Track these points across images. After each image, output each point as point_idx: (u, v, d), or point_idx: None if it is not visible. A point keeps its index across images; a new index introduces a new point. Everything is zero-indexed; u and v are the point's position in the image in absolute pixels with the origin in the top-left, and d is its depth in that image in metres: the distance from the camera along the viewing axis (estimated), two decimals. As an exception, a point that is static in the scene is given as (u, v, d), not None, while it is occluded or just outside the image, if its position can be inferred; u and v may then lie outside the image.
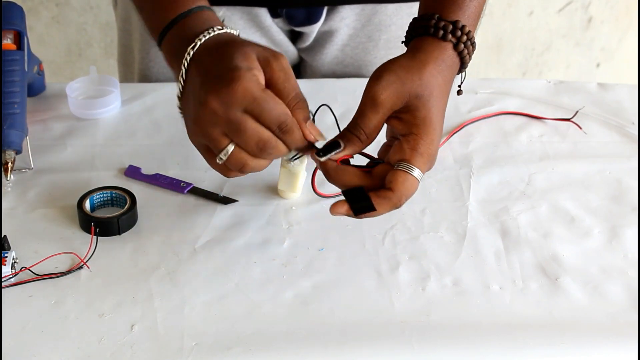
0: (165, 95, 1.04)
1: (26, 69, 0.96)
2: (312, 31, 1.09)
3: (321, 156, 0.73)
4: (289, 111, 0.71)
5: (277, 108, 0.70)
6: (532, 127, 1.00)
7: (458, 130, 0.99)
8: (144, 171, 0.91)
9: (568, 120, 1.00)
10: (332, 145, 0.73)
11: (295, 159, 0.84)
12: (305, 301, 0.76)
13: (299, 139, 0.71)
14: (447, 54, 0.76)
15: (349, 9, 1.08)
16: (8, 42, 0.96)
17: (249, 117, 0.69)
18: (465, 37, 0.77)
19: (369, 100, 0.73)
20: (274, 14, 1.07)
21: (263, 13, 1.07)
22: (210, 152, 0.73)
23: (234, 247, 0.82)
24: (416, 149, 0.73)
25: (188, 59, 0.72)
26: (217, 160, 0.72)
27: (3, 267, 0.77)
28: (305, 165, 0.85)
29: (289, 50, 1.12)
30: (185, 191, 0.89)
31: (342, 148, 0.73)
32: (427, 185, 0.91)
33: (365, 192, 0.72)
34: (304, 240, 0.83)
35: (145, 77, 1.12)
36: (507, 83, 1.08)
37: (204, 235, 0.83)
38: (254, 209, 0.87)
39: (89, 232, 0.83)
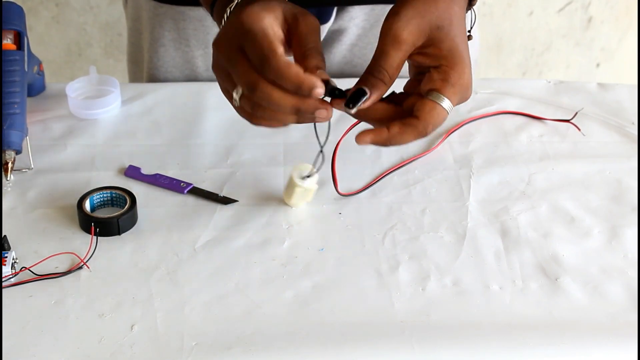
0: (165, 95, 1.04)
1: (26, 69, 0.96)
2: (322, 31, 1.09)
3: (351, 108, 0.71)
4: (279, 50, 0.69)
5: (259, 43, 0.69)
6: (532, 127, 1.00)
7: (456, 129, 0.99)
8: (144, 171, 0.91)
9: (567, 121, 1.00)
10: (357, 94, 0.72)
11: (309, 176, 0.82)
12: (305, 301, 0.76)
13: (292, 75, 0.68)
14: None
15: (358, 9, 1.08)
16: (8, 42, 0.96)
17: (242, 56, 0.70)
18: None
19: (390, 39, 0.72)
20: None
21: None
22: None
23: (234, 247, 0.82)
24: (447, 79, 0.73)
25: (225, 17, 0.74)
26: (234, 103, 0.72)
27: (3, 267, 0.77)
28: (316, 179, 0.84)
29: None
30: (185, 191, 0.89)
31: (369, 95, 0.72)
32: (427, 185, 0.91)
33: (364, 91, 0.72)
34: (304, 240, 0.83)
35: (154, 77, 1.12)
36: (507, 83, 1.08)
37: (204, 235, 0.83)
38: (254, 209, 0.87)
39: (89, 232, 0.83)
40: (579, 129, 0.99)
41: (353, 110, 0.72)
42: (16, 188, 0.89)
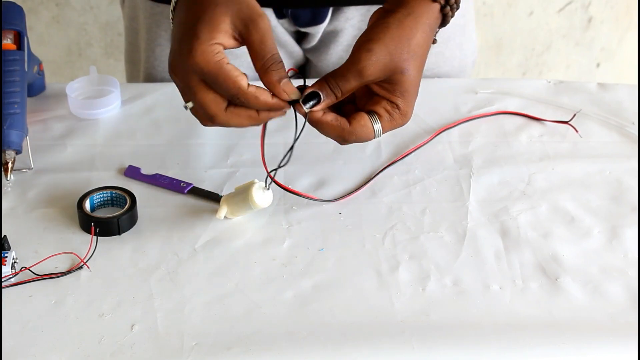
0: (165, 95, 1.04)
1: (26, 69, 0.96)
2: (318, 32, 1.09)
3: (305, 105, 0.77)
4: (244, 83, 0.75)
5: (225, 84, 0.75)
6: (532, 127, 1.00)
7: (453, 126, 0.99)
8: (144, 171, 0.91)
9: (566, 123, 0.99)
10: (312, 95, 0.77)
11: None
12: (305, 301, 0.76)
13: (260, 103, 0.76)
14: (434, 15, 0.80)
15: (354, 9, 1.08)
16: (8, 42, 0.96)
17: (202, 87, 0.76)
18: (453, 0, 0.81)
19: (355, 71, 0.77)
20: (280, 15, 1.07)
21: (268, 13, 1.07)
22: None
23: (234, 247, 0.82)
24: (391, 114, 0.79)
25: (172, 11, 0.79)
26: (183, 105, 0.78)
27: (3, 267, 0.77)
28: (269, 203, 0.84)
29: (295, 51, 1.12)
30: (185, 191, 0.89)
31: (322, 100, 0.77)
32: (427, 185, 0.91)
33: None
34: (304, 240, 0.83)
35: (151, 76, 1.12)
36: (507, 83, 1.08)
37: (204, 235, 0.83)
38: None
39: (89, 232, 0.83)
40: (577, 131, 0.99)
41: (306, 108, 0.77)
42: (16, 188, 0.89)
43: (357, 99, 0.82)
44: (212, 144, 0.96)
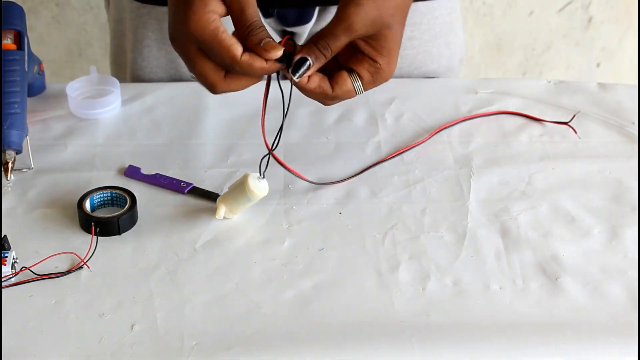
0: (165, 95, 1.04)
1: (26, 69, 0.96)
2: (304, 31, 1.09)
3: (295, 74, 0.77)
4: (237, 52, 0.75)
5: (220, 53, 0.75)
6: (532, 127, 1.00)
7: (452, 125, 0.99)
8: (144, 171, 0.91)
9: (565, 124, 0.99)
10: (301, 62, 0.77)
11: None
12: (305, 301, 0.76)
13: (256, 69, 0.76)
14: None
15: None
16: (8, 42, 0.96)
17: (200, 57, 0.76)
18: None
19: (344, 26, 0.77)
20: (266, 14, 1.07)
21: None
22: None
23: (234, 247, 0.82)
24: (373, 74, 0.79)
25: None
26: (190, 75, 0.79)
27: (3, 267, 0.77)
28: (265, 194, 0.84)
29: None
30: (185, 191, 0.89)
31: (311, 64, 0.78)
32: (427, 185, 0.91)
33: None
34: (304, 240, 0.83)
35: (138, 78, 1.11)
36: (507, 83, 1.08)
37: (204, 235, 0.83)
38: (254, 209, 0.87)
39: (89, 232, 0.83)
40: (576, 132, 0.99)
41: (296, 78, 0.78)
42: (16, 188, 0.89)
43: (339, 55, 0.81)
44: (212, 144, 0.96)
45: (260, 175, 0.83)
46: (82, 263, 0.79)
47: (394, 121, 1.00)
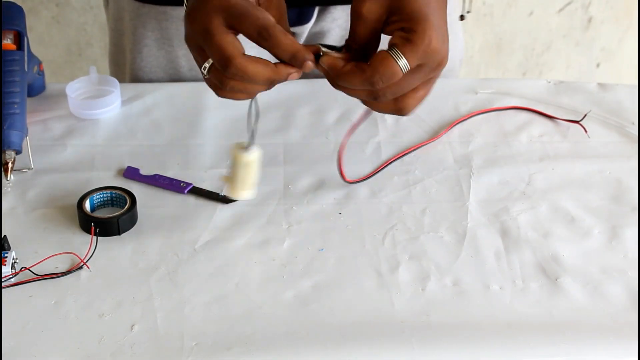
0: (165, 95, 1.04)
1: (26, 69, 0.96)
2: (303, 32, 1.09)
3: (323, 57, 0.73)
4: (272, 20, 0.71)
5: (254, 15, 0.70)
6: (532, 127, 1.00)
7: (458, 123, 0.99)
8: (144, 172, 0.91)
9: (576, 122, 0.99)
10: (332, 49, 0.74)
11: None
12: (305, 301, 0.76)
13: (287, 43, 0.71)
14: None
15: (340, 9, 1.07)
16: (8, 42, 0.96)
17: (221, 29, 0.71)
18: None
19: (355, 14, 0.73)
20: None
21: None
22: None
23: (234, 247, 0.82)
24: (408, 38, 0.71)
25: None
26: (202, 71, 0.73)
27: (3, 267, 0.77)
28: (259, 155, 0.80)
29: None
30: (185, 191, 0.89)
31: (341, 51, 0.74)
32: (427, 185, 0.91)
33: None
34: (304, 240, 0.83)
35: (137, 77, 1.11)
36: (507, 83, 1.08)
37: (204, 235, 0.83)
38: (254, 209, 0.87)
39: (89, 232, 0.83)
40: (586, 131, 0.99)
41: (323, 50, 0.73)
42: (16, 188, 0.89)
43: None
44: (212, 144, 0.96)
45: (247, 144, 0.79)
46: (82, 263, 0.79)
47: (394, 121, 1.00)
